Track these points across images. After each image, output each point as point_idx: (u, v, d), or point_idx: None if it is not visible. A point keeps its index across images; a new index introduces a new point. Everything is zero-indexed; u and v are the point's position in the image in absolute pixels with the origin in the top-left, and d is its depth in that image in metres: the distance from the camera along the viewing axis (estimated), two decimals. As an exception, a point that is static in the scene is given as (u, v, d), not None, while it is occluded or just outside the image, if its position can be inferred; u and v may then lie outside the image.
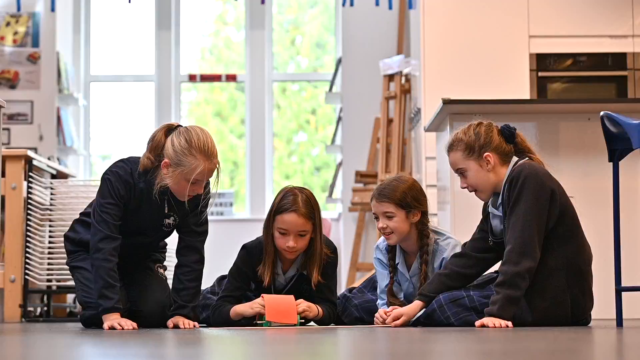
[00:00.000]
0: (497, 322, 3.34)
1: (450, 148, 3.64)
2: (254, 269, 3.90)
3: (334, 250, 3.96)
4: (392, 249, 3.95)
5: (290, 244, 3.79)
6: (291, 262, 3.93)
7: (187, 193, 3.65)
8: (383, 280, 3.98)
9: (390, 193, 3.82)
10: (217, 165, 3.66)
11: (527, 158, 3.59)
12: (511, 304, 3.39)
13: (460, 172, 3.62)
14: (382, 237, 3.98)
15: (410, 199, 3.82)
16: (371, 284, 4.17)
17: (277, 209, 3.81)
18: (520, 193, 3.44)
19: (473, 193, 3.66)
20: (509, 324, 3.35)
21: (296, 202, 3.79)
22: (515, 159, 3.59)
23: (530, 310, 3.48)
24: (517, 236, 3.42)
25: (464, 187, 3.64)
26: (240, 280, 3.94)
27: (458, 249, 3.83)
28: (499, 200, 3.58)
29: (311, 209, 3.80)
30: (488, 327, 3.30)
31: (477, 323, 3.37)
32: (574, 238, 3.53)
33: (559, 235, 3.51)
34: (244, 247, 3.95)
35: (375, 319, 3.81)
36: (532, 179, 3.45)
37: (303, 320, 3.88)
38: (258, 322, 3.83)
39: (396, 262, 3.94)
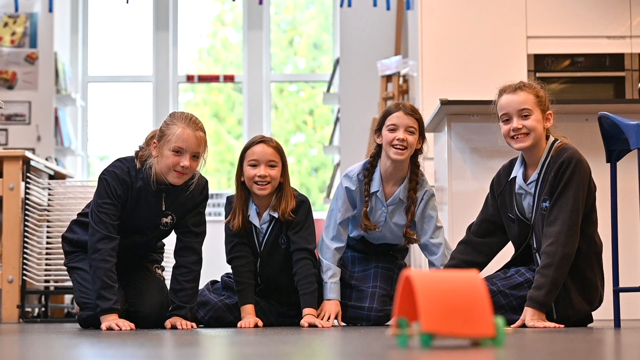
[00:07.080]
0: (543, 323, 3.30)
1: (522, 87, 3.57)
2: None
3: (303, 196, 4.04)
4: (369, 176, 4.04)
5: (261, 172, 3.89)
6: (266, 206, 3.98)
7: (171, 166, 3.64)
8: (341, 213, 4.05)
9: (416, 110, 4.09)
10: (204, 142, 3.68)
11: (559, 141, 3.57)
12: (556, 289, 3.36)
13: (524, 113, 3.54)
14: (358, 165, 4.09)
15: (424, 127, 4.11)
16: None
17: (245, 147, 3.98)
18: (571, 177, 3.42)
19: (510, 143, 3.55)
20: (552, 324, 3.32)
21: (264, 137, 3.98)
22: (552, 138, 3.57)
23: (570, 300, 3.45)
24: (567, 218, 3.40)
25: (518, 128, 3.52)
26: (233, 233, 4.00)
27: (433, 199, 4.01)
28: (533, 177, 3.53)
29: (279, 148, 3.97)
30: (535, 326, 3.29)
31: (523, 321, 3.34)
32: (595, 221, 3.55)
33: (587, 218, 3.51)
34: (227, 198, 4.10)
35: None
36: (583, 167, 3.45)
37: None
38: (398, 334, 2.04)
39: (375, 189, 4.03)
